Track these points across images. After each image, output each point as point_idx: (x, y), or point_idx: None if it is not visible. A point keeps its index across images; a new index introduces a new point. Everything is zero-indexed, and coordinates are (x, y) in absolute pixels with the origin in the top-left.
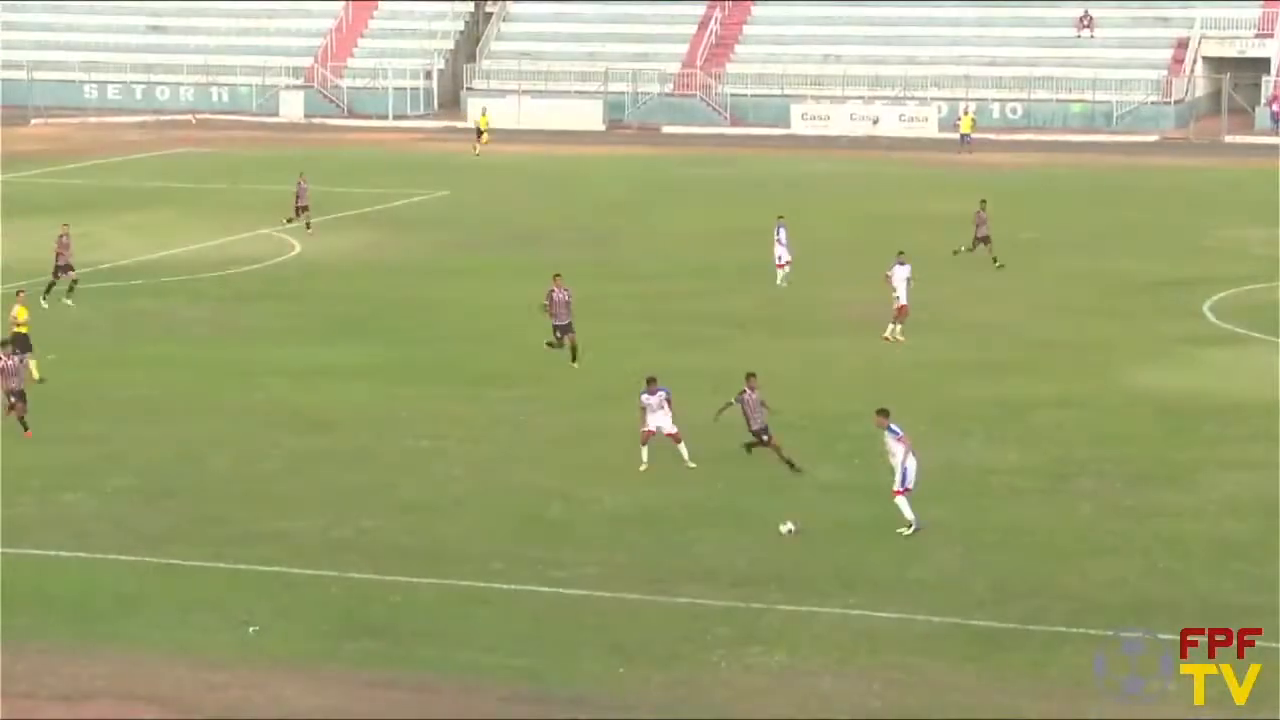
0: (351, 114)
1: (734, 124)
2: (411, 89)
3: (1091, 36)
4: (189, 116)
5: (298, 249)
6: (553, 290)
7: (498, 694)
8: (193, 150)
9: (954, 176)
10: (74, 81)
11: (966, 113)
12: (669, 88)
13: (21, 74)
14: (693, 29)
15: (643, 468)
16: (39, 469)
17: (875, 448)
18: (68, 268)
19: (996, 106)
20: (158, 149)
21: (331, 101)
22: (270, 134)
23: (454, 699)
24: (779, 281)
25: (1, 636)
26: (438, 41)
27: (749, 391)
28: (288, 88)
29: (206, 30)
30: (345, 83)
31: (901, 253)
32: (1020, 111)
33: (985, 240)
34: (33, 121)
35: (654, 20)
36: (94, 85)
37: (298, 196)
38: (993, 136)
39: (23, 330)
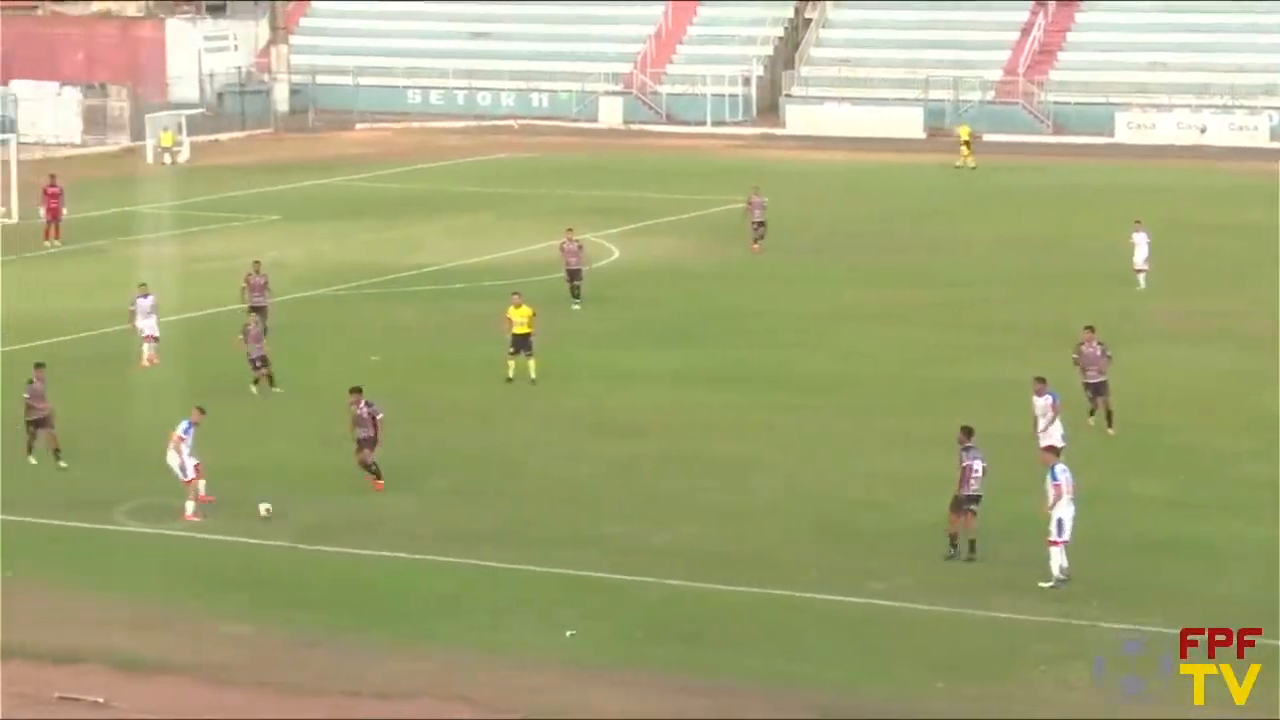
0: (670, 120)
1: (1056, 132)
2: (730, 95)
3: None
4: (510, 121)
5: (615, 254)
6: (1083, 344)
7: (809, 703)
8: (513, 155)
9: None
10: (398, 87)
11: None
12: (990, 95)
13: (347, 79)
14: (1015, 36)
15: None
16: (360, 468)
17: (1197, 462)
18: (578, 274)
19: None
20: (478, 154)
21: (650, 107)
22: (589, 139)
23: (765, 707)
24: (1142, 286)
25: (327, 634)
26: (756, 48)
27: None
28: (607, 94)
29: (528, 36)
30: (664, 89)
31: None
32: None
33: None
34: (357, 126)
35: (976, 27)
36: (417, 90)
37: (750, 211)
38: None
39: (522, 331)
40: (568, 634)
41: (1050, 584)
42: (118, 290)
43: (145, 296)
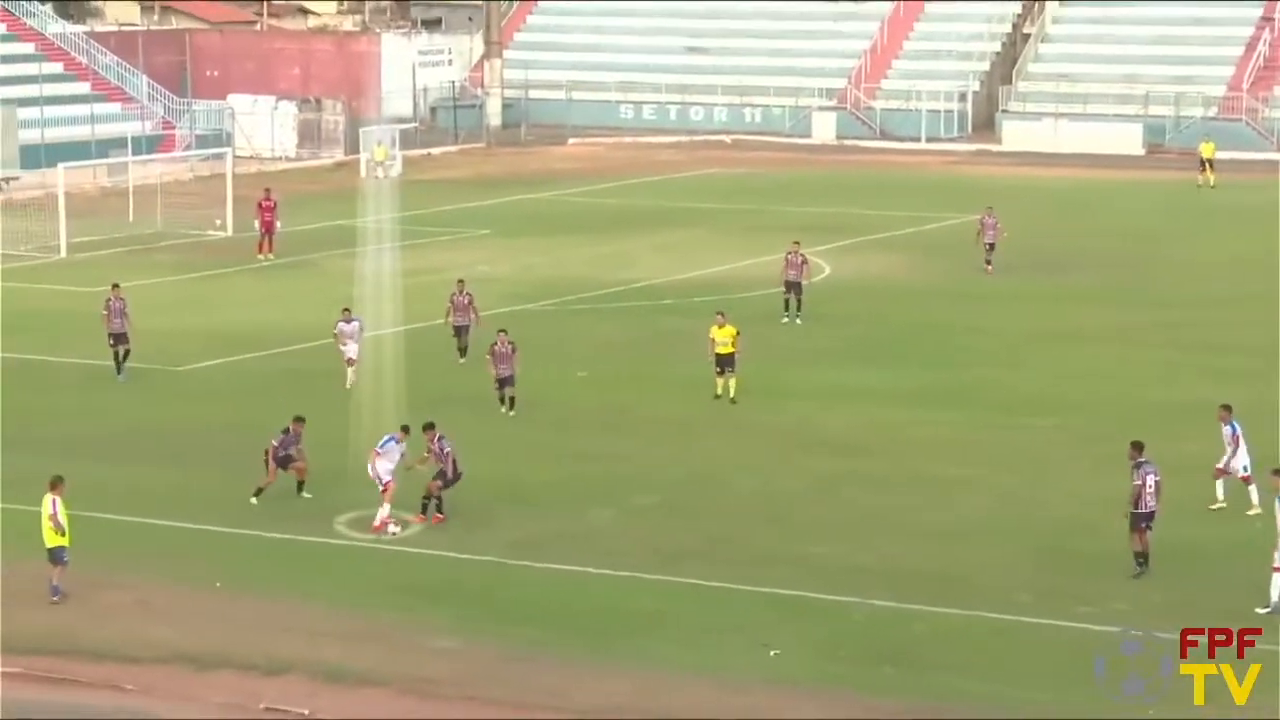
0: (883, 135)
1: None
2: (945, 111)
3: None
4: (722, 137)
5: (827, 271)
6: None
7: None
8: (724, 171)
9: None
10: (610, 101)
11: None
12: (1213, 111)
13: (560, 94)
14: (1239, 51)
15: (1214, 506)
16: (566, 483)
17: None
18: (797, 286)
19: None
20: (690, 169)
21: (864, 123)
22: (802, 155)
23: None
24: None
25: (532, 650)
26: (972, 63)
27: None
28: (820, 109)
29: (741, 51)
30: (878, 104)
31: None
32: None
33: None
34: (569, 141)
35: (1199, 42)
36: (630, 105)
37: (983, 233)
38: None
39: (726, 351)
40: (772, 653)
41: (1268, 610)
42: (329, 304)
43: (349, 321)
